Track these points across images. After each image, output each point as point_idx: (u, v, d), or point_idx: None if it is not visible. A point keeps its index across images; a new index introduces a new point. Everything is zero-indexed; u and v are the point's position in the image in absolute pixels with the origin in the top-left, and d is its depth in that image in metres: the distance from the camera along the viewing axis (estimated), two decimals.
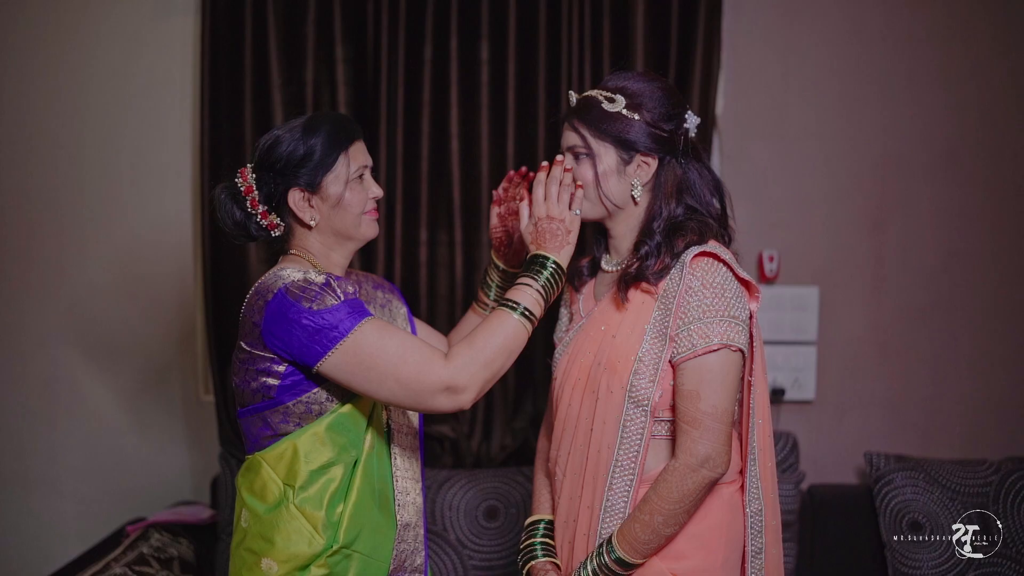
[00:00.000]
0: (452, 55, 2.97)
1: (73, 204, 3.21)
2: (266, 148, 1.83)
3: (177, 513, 3.01)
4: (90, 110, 3.18)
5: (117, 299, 3.22)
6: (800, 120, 3.17)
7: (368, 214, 1.89)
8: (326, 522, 1.77)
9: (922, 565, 2.83)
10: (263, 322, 1.73)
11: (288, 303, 1.71)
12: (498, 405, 3.07)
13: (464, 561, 2.88)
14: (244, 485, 1.85)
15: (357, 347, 1.69)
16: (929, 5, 3.14)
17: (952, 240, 3.19)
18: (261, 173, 1.83)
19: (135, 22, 3.15)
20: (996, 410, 3.23)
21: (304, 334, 1.70)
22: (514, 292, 1.79)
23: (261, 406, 1.79)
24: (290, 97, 2.99)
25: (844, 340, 3.21)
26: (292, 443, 1.78)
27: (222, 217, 1.86)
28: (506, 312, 1.77)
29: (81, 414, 3.27)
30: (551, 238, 1.82)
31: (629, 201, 1.90)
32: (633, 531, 1.79)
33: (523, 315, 1.76)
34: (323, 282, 1.74)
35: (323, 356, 1.70)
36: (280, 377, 1.76)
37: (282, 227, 1.87)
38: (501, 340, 1.74)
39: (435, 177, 3.02)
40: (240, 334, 1.81)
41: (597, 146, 1.87)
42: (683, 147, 1.89)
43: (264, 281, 1.78)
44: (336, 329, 1.69)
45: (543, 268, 1.81)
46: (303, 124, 1.83)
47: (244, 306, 1.81)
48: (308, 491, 1.77)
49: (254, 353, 1.77)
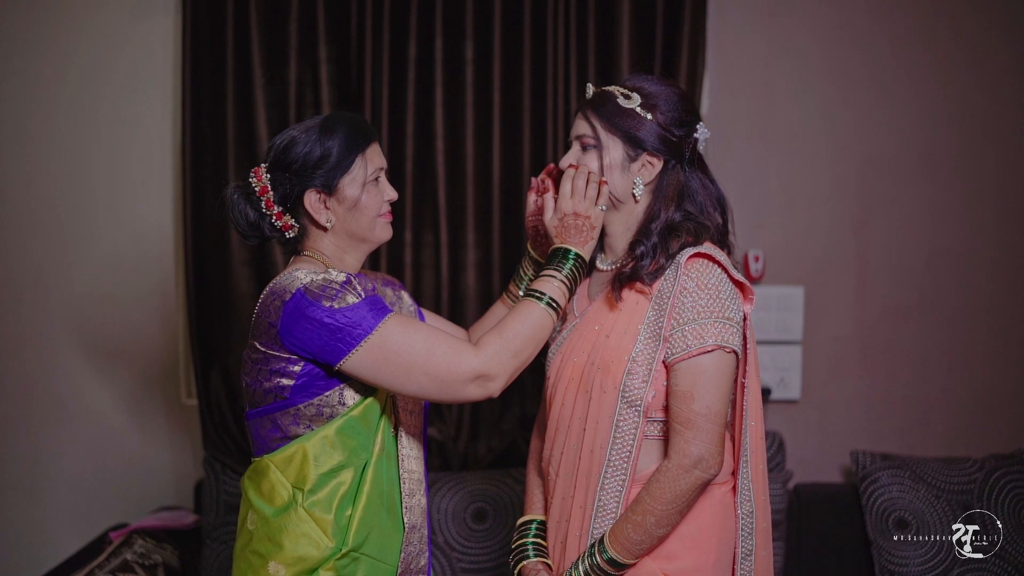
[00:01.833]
0: (437, 55, 2.96)
1: (51, 206, 3.16)
2: (282, 148, 1.82)
3: (160, 518, 2.98)
4: (69, 110, 3.13)
5: (97, 303, 3.18)
6: (784, 120, 3.18)
7: (383, 217, 1.89)
8: (335, 525, 1.77)
9: (908, 563, 2.85)
10: (280, 322, 1.73)
11: (307, 302, 1.71)
12: (485, 407, 3.05)
13: (453, 564, 2.86)
14: (251, 488, 1.83)
15: (384, 343, 1.71)
16: (913, 7, 3.16)
17: (936, 239, 3.21)
18: (276, 173, 1.82)
19: (114, 21, 3.11)
20: (979, 408, 3.26)
21: (326, 332, 1.70)
22: (539, 283, 1.83)
23: (273, 407, 1.78)
24: (273, 97, 2.97)
25: (829, 340, 3.23)
26: (302, 446, 1.77)
27: (235, 217, 1.85)
28: (532, 302, 1.80)
29: (60, 419, 3.22)
30: (576, 233, 1.85)
31: (630, 198, 1.90)
32: (625, 531, 1.79)
33: (548, 304, 1.80)
34: (343, 280, 1.74)
35: (347, 354, 1.71)
36: (295, 377, 1.75)
37: (296, 228, 1.86)
38: (529, 330, 1.78)
39: (420, 178, 3.01)
40: (253, 334, 1.79)
41: (606, 138, 1.88)
42: (690, 155, 1.91)
43: (279, 282, 1.77)
44: (359, 327, 1.70)
45: (566, 260, 1.84)
46: (320, 125, 1.82)
47: (258, 307, 1.80)
48: (317, 494, 1.77)
49: (269, 353, 1.76)
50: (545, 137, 2.99)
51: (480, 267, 3.02)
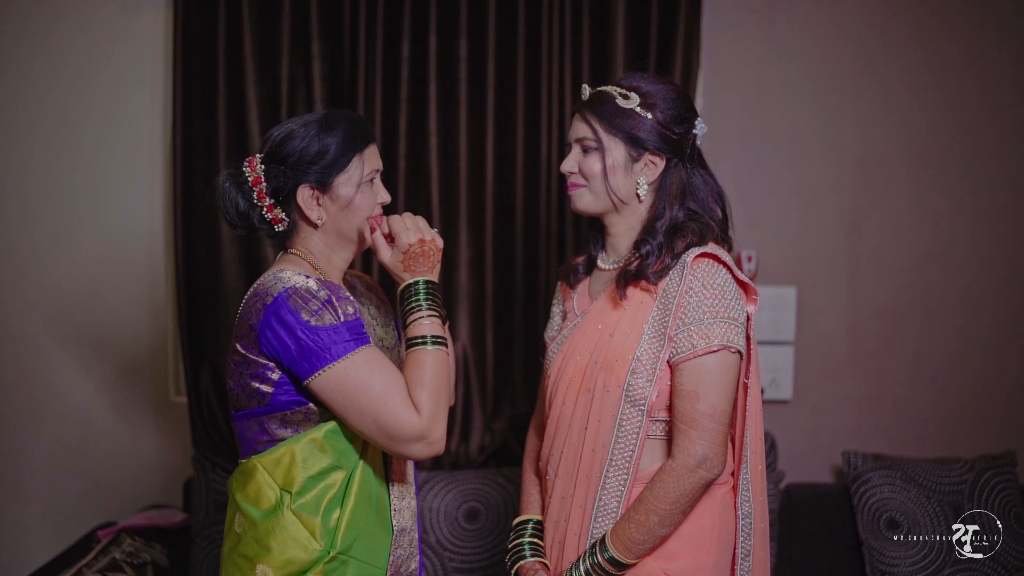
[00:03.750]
0: (431, 52, 2.94)
1: (40, 202, 3.12)
2: (279, 141, 1.79)
3: (149, 517, 2.95)
4: (59, 104, 3.09)
5: (85, 299, 3.14)
6: (778, 120, 3.18)
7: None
8: (323, 528, 1.74)
9: (899, 563, 2.85)
10: (260, 324, 1.70)
11: (288, 308, 1.68)
12: (476, 406, 3.04)
13: (444, 563, 2.85)
14: (238, 490, 1.80)
15: (345, 376, 1.67)
16: (907, 7, 3.17)
17: (928, 240, 3.22)
18: (271, 165, 1.79)
19: (104, 16, 3.07)
20: (970, 408, 3.27)
21: (297, 347, 1.67)
22: (412, 329, 1.77)
23: (258, 411, 1.76)
24: (265, 93, 2.94)
25: (821, 340, 3.23)
26: (290, 449, 1.75)
27: (224, 206, 1.81)
28: (421, 350, 1.74)
29: (47, 416, 3.18)
30: (424, 259, 1.79)
31: (634, 198, 1.90)
32: (628, 531, 1.78)
33: (435, 343, 1.74)
34: (325, 298, 1.70)
35: (311, 374, 1.68)
36: (274, 385, 1.73)
37: (286, 222, 1.83)
38: (444, 376, 1.74)
39: (413, 175, 2.99)
40: (236, 335, 1.77)
41: (607, 140, 1.87)
42: (690, 152, 1.90)
43: (263, 282, 1.75)
44: (328, 351, 1.67)
45: (418, 293, 1.78)
46: (319, 120, 1.79)
47: (242, 307, 1.77)
48: (305, 497, 1.74)
49: (248, 357, 1.73)
50: (539, 135, 2.98)
51: (473, 265, 3.01)
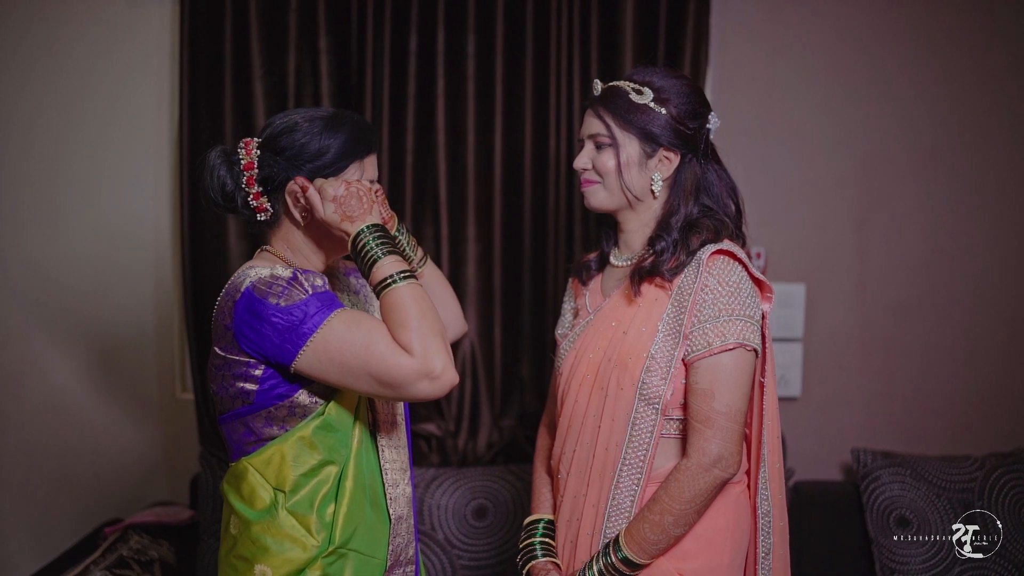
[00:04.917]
0: (438, 47, 2.92)
1: (46, 195, 3.11)
2: (280, 130, 1.74)
3: (156, 514, 2.94)
4: (64, 99, 3.08)
5: (91, 294, 3.13)
6: (786, 117, 3.16)
7: None
8: (319, 523, 1.72)
9: (909, 561, 2.84)
10: (234, 324, 1.66)
11: (255, 300, 1.64)
12: (484, 403, 3.02)
13: (453, 561, 2.84)
14: (231, 492, 1.78)
15: (326, 343, 1.62)
16: (913, 5, 3.15)
17: (937, 237, 3.21)
18: (267, 153, 1.74)
19: (110, 9, 3.05)
20: (980, 406, 3.25)
21: (275, 333, 1.63)
22: (374, 275, 1.68)
23: (242, 411, 1.72)
24: (271, 88, 2.92)
25: (830, 337, 3.22)
26: (279, 448, 1.72)
27: (210, 182, 1.75)
28: (393, 290, 1.65)
29: (54, 412, 3.17)
30: (357, 203, 1.70)
31: (648, 194, 1.88)
32: (642, 531, 1.77)
33: (404, 278, 1.66)
34: (290, 276, 1.66)
35: (296, 354, 1.64)
36: (258, 382, 1.69)
37: (270, 213, 1.77)
38: (425, 308, 1.64)
39: (420, 171, 2.97)
40: (214, 338, 1.73)
41: (621, 136, 1.85)
42: (704, 147, 1.88)
43: (233, 281, 1.71)
44: (305, 324, 1.62)
45: (367, 241, 1.68)
46: (325, 119, 1.75)
47: (215, 309, 1.73)
48: (298, 494, 1.72)
49: (229, 358, 1.69)
50: (547, 130, 2.96)
51: (481, 261, 3.00)
